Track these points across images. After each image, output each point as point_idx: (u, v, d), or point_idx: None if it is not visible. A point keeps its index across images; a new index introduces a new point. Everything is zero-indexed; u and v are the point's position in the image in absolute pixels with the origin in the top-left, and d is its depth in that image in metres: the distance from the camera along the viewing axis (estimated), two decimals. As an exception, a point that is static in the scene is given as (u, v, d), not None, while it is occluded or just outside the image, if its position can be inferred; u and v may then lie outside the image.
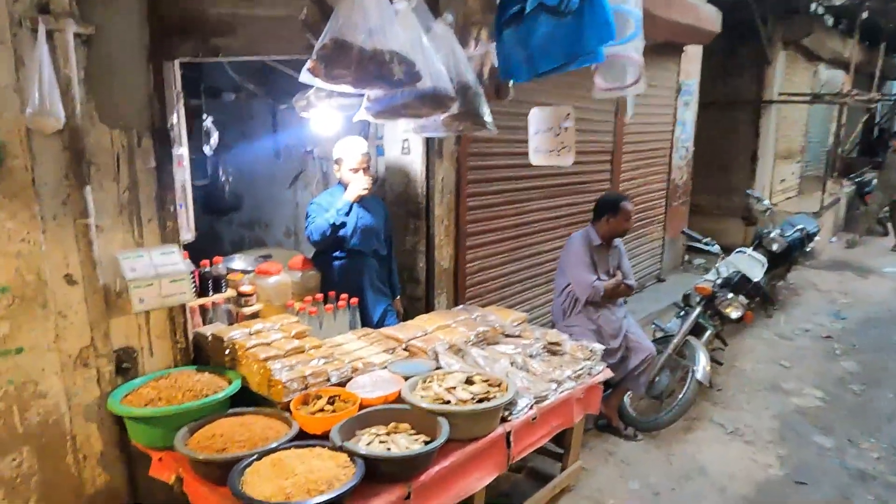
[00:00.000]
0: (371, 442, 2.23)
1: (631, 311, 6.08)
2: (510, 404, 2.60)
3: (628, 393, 4.10)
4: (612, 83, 2.86)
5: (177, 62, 2.73)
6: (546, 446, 3.04)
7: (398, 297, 3.76)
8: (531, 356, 3.13)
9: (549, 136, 3.17)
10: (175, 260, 2.50)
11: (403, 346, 3.01)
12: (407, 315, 3.75)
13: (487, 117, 2.78)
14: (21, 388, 2.26)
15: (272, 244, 5.15)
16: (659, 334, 4.58)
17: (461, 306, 3.56)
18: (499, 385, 2.62)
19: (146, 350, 2.64)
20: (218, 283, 2.97)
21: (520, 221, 4.68)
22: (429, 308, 3.99)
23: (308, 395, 2.46)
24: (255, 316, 3.12)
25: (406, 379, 2.64)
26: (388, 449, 2.19)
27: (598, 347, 3.25)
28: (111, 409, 2.32)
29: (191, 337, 2.78)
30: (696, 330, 4.28)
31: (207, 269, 2.91)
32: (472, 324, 3.29)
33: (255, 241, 5.41)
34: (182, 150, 3.04)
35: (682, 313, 4.57)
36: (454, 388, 2.50)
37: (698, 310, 4.29)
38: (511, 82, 2.93)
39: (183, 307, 2.71)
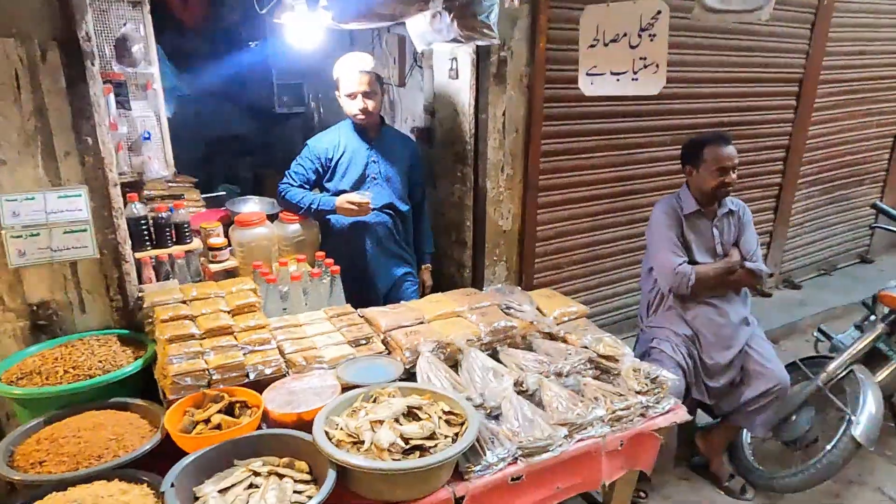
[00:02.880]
0: (234, 486, 1.59)
1: (803, 302, 4.55)
2: (475, 457, 1.76)
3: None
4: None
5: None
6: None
7: (427, 264, 2.97)
8: (560, 374, 2.18)
9: (617, 50, 2.04)
10: (78, 205, 2.04)
11: (381, 337, 2.28)
12: (443, 286, 2.98)
13: (489, 17, 1.80)
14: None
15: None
16: (822, 347, 3.17)
17: (495, 287, 2.67)
18: (461, 424, 1.78)
19: (76, 306, 2.27)
20: (182, 232, 2.49)
21: (624, 175, 3.50)
22: (477, 280, 3.16)
23: (206, 395, 1.88)
24: (232, 274, 2.62)
25: (348, 389, 1.93)
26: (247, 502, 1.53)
27: (669, 378, 2.16)
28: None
29: (134, 294, 2.36)
30: (874, 358, 2.82)
31: (164, 214, 2.43)
32: (494, 314, 2.41)
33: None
34: (152, 70, 2.55)
35: (865, 323, 3.08)
36: (380, 423, 1.71)
37: (880, 329, 2.81)
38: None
39: (118, 259, 2.28)
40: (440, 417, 1.80)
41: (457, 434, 1.74)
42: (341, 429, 1.73)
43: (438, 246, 3.34)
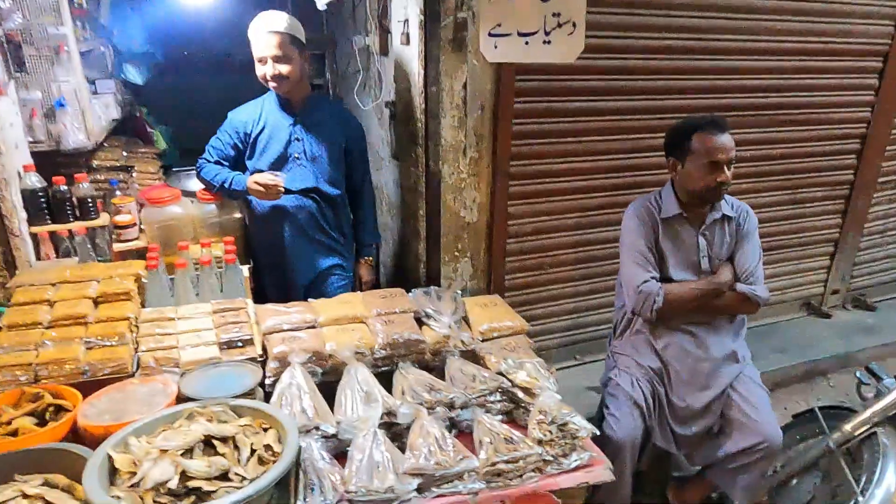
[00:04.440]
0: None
1: (873, 329, 3.72)
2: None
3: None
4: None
5: None
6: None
7: (366, 257, 2.63)
8: (452, 406, 1.79)
9: (525, 4, 1.57)
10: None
11: (261, 337, 1.99)
12: (404, 281, 2.65)
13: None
14: None
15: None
16: (868, 390, 2.49)
17: (422, 290, 2.27)
18: (272, 461, 1.45)
19: (-36, 279, 2.17)
20: (86, 207, 2.32)
21: (627, 164, 2.94)
22: (432, 277, 2.78)
23: (24, 392, 1.69)
24: (142, 256, 2.42)
25: (184, 401, 1.67)
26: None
27: (583, 427, 1.70)
28: None
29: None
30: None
31: (62, 187, 2.26)
32: (403, 323, 2.05)
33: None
34: (64, 31, 2.38)
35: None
36: (163, 452, 1.42)
37: (916, 383, 2.14)
38: None
39: (3, 233, 2.15)
40: (254, 451, 1.48)
41: (256, 473, 1.42)
42: (131, 454, 1.46)
43: (401, 236, 3.00)
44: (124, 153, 3.04)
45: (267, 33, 2.20)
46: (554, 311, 3.09)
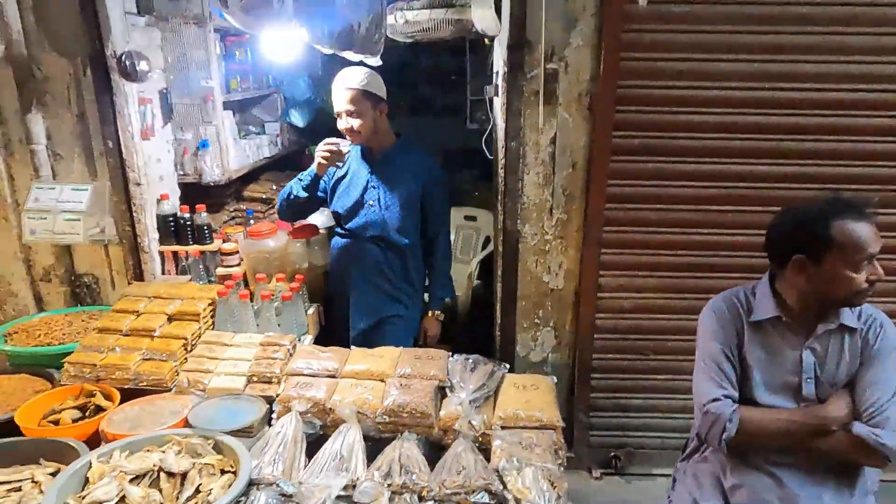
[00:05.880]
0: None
1: None
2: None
3: None
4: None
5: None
6: None
7: (436, 311, 2.53)
8: (422, 497, 1.61)
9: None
10: (81, 198, 2.36)
11: (283, 377, 2.04)
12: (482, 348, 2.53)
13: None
14: (-7, 280, 2.66)
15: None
16: None
17: (464, 356, 2.10)
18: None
19: (108, 283, 2.66)
20: (202, 233, 2.67)
21: (757, 242, 2.36)
22: (507, 344, 2.58)
23: (84, 388, 1.98)
24: (244, 281, 2.70)
25: (188, 426, 1.80)
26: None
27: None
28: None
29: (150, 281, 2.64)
30: None
31: (185, 215, 2.63)
32: (421, 391, 1.93)
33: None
34: (212, 83, 2.80)
35: None
36: (115, 475, 1.52)
37: None
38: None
39: (135, 248, 2.58)
40: (199, 492, 1.51)
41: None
42: (107, 465, 1.61)
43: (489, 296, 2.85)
44: (273, 186, 3.46)
45: (343, 89, 2.30)
46: (656, 406, 2.62)
